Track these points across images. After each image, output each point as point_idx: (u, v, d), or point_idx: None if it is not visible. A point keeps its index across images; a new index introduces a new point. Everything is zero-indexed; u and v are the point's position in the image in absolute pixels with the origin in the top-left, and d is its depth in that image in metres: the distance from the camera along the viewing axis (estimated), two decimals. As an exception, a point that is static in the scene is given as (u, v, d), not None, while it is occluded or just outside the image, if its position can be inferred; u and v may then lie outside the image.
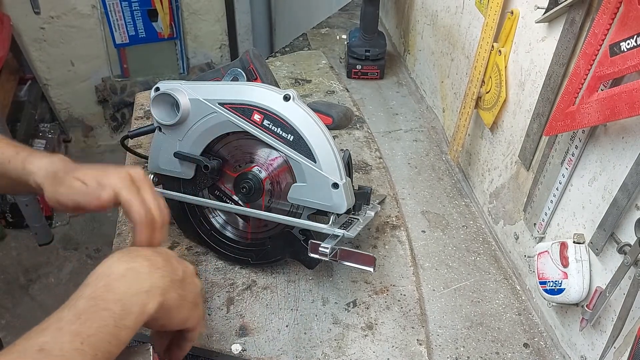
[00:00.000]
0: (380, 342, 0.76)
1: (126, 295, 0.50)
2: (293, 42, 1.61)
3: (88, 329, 0.47)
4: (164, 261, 0.56)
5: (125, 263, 0.53)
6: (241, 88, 0.74)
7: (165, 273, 0.55)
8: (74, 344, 0.45)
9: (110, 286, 0.50)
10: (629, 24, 0.53)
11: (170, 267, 0.57)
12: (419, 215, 1.01)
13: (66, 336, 0.46)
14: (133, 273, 0.52)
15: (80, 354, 0.45)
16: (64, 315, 0.47)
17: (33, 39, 2.91)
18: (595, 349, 0.68)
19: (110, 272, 0.52)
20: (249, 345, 0.74)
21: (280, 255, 0.81)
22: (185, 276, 0.58)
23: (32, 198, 2.29)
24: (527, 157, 0.82)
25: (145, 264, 0.54)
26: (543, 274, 0.72)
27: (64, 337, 0.46)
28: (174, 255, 0.60)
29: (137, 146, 1.08)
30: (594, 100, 0.59)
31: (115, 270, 0.52)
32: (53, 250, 2.44)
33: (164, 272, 0.55)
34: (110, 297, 0.50)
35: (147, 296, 0.52)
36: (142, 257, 0.55)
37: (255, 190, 0.77)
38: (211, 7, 3.24)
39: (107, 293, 0.50)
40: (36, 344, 0.45)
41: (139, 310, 0.51)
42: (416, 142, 1.21)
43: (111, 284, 0.51)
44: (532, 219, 0.81)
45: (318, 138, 0.71)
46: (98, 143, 3.13)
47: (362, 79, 1.43)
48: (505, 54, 0.87)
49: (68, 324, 0.47)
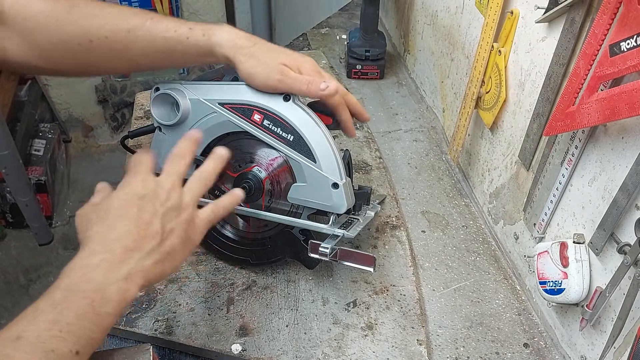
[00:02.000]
0: (380, 342, 0.76)
1: (104, 284, 0.49)
2: (293, 42, 1.61)
3: (66, 317, 0.46)
4: (137, 232, 0.53)
5: (99, 254, 0.51)
6: (241, 88, 0.74)
7: (141, 254, 0.53)
8: (52, 332, 0.45)
9: (86, 277, 0.50)
10: (629, 24, 0.54)
11: (145, 235, 0.54)
12: (418, 215, 1.01)
13: (44, 324, 0.45)
14: (107, 263, 0.51)
15: (59, 340, 0.45)
16: (40, 305, 0.47)
17: (33, 39, 2.90)
18: (595, 349, 0.68)
19: (86, 263, 0.51)
20: (249, 345, 0.74)
21: (280, 255, 0.81)
22: (163, 224, 0.55)
23: (32, 198, 2.29)
24: (527, 157, 0.82)
25: (119, 252, 0.52)
26: (543, 274, 0.73)
27: (41, 324, 0.45)
28: (145, 195, 0.56)
29: (137, 146, 1.08)
30: (594, 101, 0.59)
31: (91, 262, 0.51)
32: (53, 250, 2.44)
33: (139, 253, 0.53)
34: (87, 287, 0.49)
35: (127, 283, 0.51)
36: (114, 242, 0.52)
37: (255, 190, 0.77)
38: (211, 7, 3.24)
39: (84, 284, 0.49)
40: (13, 333, 0.45)
41: (120, 298, 0.50)
42: (416, 142, 1.21)
43: (87, 274, 0.50)
44: (532, 219, 0.81)
45: (318, 138, 0.71)
46: (98, 143, 3.12)
47: (362, 79, 1.43)
48: (505, 54, 0.87)
49: (44, 313, 0.46)
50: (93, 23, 0.68)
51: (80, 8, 0.68)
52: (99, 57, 0.70)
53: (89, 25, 0.68)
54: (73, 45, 0.68)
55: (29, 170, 2.36)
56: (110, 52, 0.69)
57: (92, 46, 0.68)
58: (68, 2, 0.68)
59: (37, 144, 2.50)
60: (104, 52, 0.69)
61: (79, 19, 0.68)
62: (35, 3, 0.67)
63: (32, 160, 2.44)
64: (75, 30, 0.68)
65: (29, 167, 2.37)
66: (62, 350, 0.45)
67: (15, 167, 2.17)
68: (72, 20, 0.68)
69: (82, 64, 0.72)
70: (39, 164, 2.43)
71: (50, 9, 0.67)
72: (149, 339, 0.75)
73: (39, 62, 0.70)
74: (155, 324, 0.76)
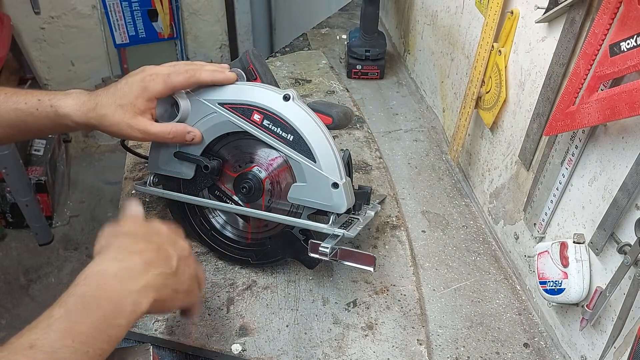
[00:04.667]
0: (381, 342, 0.76)
1: (119, 294, 0.50)
2: (293, 42, 1.61)
3: (79, 327, 0.47)
4: (157, 254, 0.56)
5: (119, 262, 0.53)
6: (241, 88, 0.74)
7: (159, 270, 0.55)
8: (65, 341, 0.46)
9: (102, 285, 0.50)
10: (629, 24, 0.53)
11: (164, 260, 0.57)
12: (419, 215, 1.01)
13: (57, 333, 0.46)
14: (126, 272, 0.52)
15: (71, 351, 0.45)
16: (54, 313, 0.47)
17: (33, 39, 2.91)
18: (595, 349, 0.68)
19: (104, 270, 0.52)
20: (249, 345, 0.74)
21: (280, 255, 0.81)
22: (179, 265, 0.58)
23: (32, 198, 2.29)
24: (527, 157, 0.82)
25: (139, 263, 0.54)
26: (543, 274, 0.73)
27: (54, 334, 0.46)
28: (168, 237, 0.60)
29: (137, 146, 1.08)
30: (594, 100, 0.59)
31: (109, 270, 0.52)
32: (53, 250, 2.44)
33: (157, 270, 0.55)
34: (102, 295, 0.49)
35: (140, 295, 0.52)
36: (136, 254, 0.54)
37: (255, 190, 0.77)
38: (211, 7, 3.24)
39: (99, 292, 0.50)
40: (27, 341, 0.45)
41: (132, 309, 0.51)
42: (416, 142, 1.21)
43: (104, 283, 0.50)
44: (532, 219, 0.81)
45: (318, 138, 0.71)
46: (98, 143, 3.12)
47: (362, 79, 1.43)
48: (505, 54, 0.87)
49: (58, 321, 0.47)
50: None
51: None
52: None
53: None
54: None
55: (29, 170, 2.36)
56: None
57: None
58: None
59: (37, 144, 2.50)
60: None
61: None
62: None
63: (32, 160, 2.44)
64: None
65: (29, 167, 2.37)
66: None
67: (15, 167, 2.17)
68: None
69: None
70: (39, 164, 2.43)
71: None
72: (149, 339, 0.75)
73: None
74: (155, 324, 0.76)
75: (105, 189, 2.78)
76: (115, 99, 0.69)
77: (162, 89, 0.71)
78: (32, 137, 0.74)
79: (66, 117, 0.69)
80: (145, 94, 0.70)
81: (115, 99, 0.69)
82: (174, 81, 0.71)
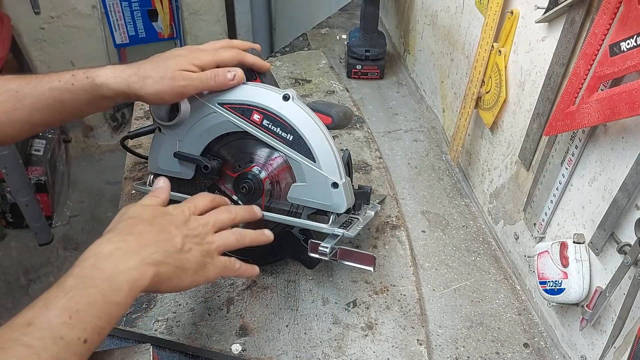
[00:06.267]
0: (380, 342, 0.76)
1: (113, 273, 0.51)
2: (293, 42, 1.61)
3: (76, 304, 0.47)
4: (157, 235, 0.56)
5: (114, 243, 0.53)
6: (241, 88, 0.74)
7: (156, 249, 0.55)
8: (62, 318, 0.46)
9: (97, 265, 0.51)
10: (629, 24, 0.53)
11: (165, 240, 0.57)
12: (419, 215, 1.01)
13: (54, 311, 0.46)
14: (119, 251, 0.52)
15: (68, 327, 0.46)
16: (52, 292, 0.48)
17: (33, 39, 2.90)
18: (595, 349, 0.68)
19: (98, 251, 0.52)
20: (249, 345, 0.74)
21: (280, 255, 0.81)
22: (185, 243, 0.58)
23: (32, 198, 2.29)
24: (527, 157, 0.82)
25: (134, 243, 0.54)
26: (543, 274, 0.72)
27: (51, 312, 0.46)
28: (177, 218, 0.61)
29: (137, 146, 1.08)
30: (594, 100, 0.59)
31: (103, 250, 0.52)
32: (53, 250, 2.44)
33: (155, 248, 0.55)
34: (97, 275, 0.50)
35: (136, 272, 0.52)
36: (133, 234, 0.55)
37: (255, 190, 0.77)
38: (211, 7, 3.24)
39: (94, 271, 0.50)
40: (24, 319, 0.46)
41: (129, 287, 0.51)
42: (416, 142, 1.21)
43: (98, 262, 0.51)
44: (532, 219, 0.81)
45: (318, 138, 0.71)
46: (98, 143, 3.13)
47: (362, 79, 1.43)
48: (505, 54, 0.87)
49: (55, 300, 0.47)
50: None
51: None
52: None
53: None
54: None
55: (29, 170, 2.36)
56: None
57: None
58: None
59: (37, 144, 2.50)
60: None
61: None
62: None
63: (32, 160, 2.44)
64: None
65: (29, 167, 2.37)
66: (71, 337, 0.46)
67: (15, 167, 2.17)
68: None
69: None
70: (39, 164, 2.43)
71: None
72: (149, 339, 0.75)
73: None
74: (155, 324, 0.76)
75: (105, 189, 2.78)
76: (159, 63, 0.70)
77: (210, 59, 0.72)
78: (69, 118, 0.72)
79: (104, 86, 0.67)
80: (192, 57, 0.71)
81: (159, 63, 0.70)
82: (222, 55, 0.73)
